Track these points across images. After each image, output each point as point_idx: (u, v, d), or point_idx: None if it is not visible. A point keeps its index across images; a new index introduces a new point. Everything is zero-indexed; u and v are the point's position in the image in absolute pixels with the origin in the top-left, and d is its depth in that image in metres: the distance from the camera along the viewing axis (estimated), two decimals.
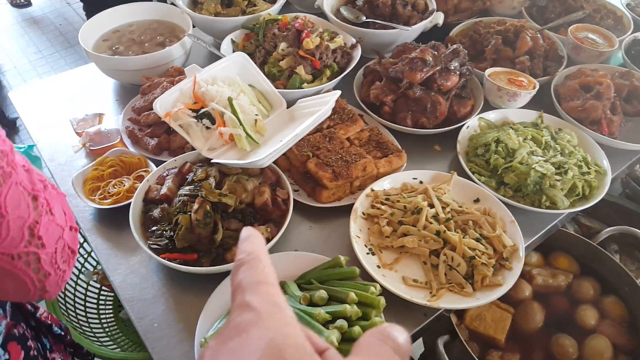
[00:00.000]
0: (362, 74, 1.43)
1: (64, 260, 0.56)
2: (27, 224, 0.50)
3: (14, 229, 0.48)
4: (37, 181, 0.53)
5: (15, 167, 0.49)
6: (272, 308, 0.32)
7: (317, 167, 1.12)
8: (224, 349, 0.30)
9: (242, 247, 0.40)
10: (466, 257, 1.00)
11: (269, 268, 0.37)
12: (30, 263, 0.51)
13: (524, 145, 1.18)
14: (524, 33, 1.46)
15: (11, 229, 0.48)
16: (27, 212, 0.50)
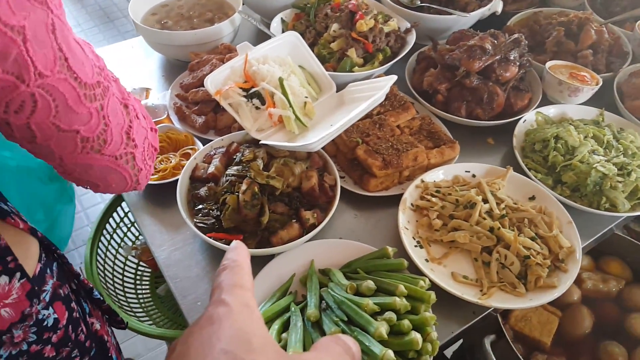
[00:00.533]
0: (415, 60, 1.38)
1: (150, 157, 0.66)
2: (124, 129, 0.58)
3: (115, 135, 0.57)
4: (124, 90, 0.60)
5: (110, 81, 0.55)
6: (243, 307, 0.37)
7: (366, 154, 1.09)
8: (198, 334, 0.34)
9: (228, 255, 0.44)
10: (520, 256, 0.96)
11: (248, 276, 0.42)
12: (129, 161, 0.61)
13: (584, 144, 1.12)
14: (588, 26, 1.38)
15: (114, 134, 0.56)
16: (122, 119, 0.58)
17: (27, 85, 0.44)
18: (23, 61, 0.43)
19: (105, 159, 0.57)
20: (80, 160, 0.56)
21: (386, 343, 0.78)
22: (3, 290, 0.57)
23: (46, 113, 0.48)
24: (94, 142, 0.55)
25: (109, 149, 0.57)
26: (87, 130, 0.53)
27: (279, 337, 0.82)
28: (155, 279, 1.50)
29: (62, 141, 0.52)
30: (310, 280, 0.92)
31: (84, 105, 0.51)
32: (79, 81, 0.49)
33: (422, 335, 0.81)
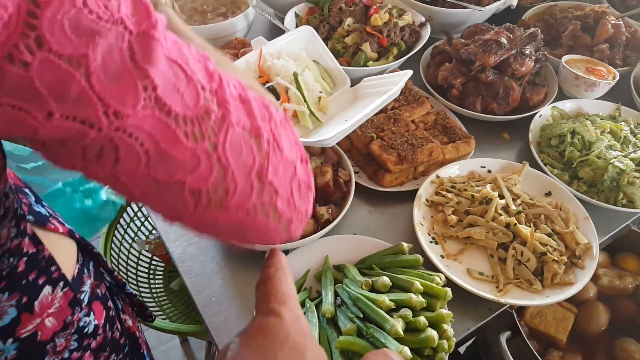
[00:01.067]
0: (429, 54, 1.37)
1: (303, 199, 0.46)
2: (255, 170, 0.40)
3: (241, 180, 0.40)
4: (258, 112, 0.41)
5: (227, 105, 0.38)
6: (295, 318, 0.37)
7: (381, 150, 1.09)
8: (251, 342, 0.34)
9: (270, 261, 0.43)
10: (537, 252, 0.95)
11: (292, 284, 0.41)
12: (268, 213, 0.43)
13: (601, 139, 1.11)
14: (605, 19, 1.36)
15: (238, 180, 0.39)
16: (251, 156, 0.40)
17: (99, 130, 0.32)
18: (88, 100, 0.31)
19: (232, 214, 0.41)
20: (200, 219, 0.41)
21: (402, 340, 0.78)
22: (47, 300, 0.57)
23: (135, 162, 0.35)
24: (211, 195, 0.39)
25: (235, 200, 0.40)
26: (196, 180, 0.38)
27: None
28: (169, 273, 1.51)
29: (166, 197, 0.38)
30: (324, 276, 0.92)
31: (185, 147, 0.36)
32: (173, 115, 0.35)
33: (438, 332, 0.80)
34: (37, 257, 0.57)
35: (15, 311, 0.54)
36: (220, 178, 0.38)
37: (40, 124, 0.30)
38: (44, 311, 0.57)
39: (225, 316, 0.93)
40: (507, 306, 0.95)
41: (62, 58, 0.29)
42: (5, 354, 0.55)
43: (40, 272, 0.57)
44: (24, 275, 0.55)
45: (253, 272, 0.97)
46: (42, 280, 0.57)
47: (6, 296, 0.53)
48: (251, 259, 0.99)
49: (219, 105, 0.37)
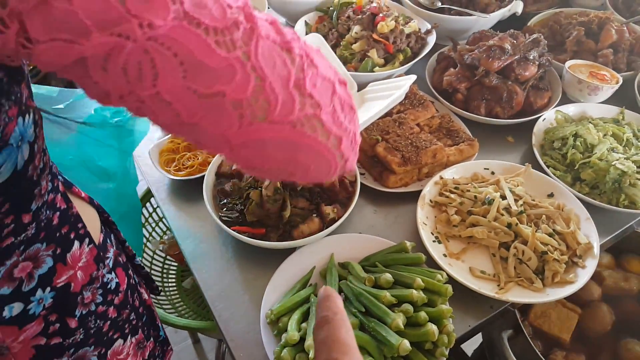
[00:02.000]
0: (435, 60, 1.40)
1: (349, 119, 0.45)
2: (292, 81, 0.40)
3: (280, 92, 0.39)
4: (287, 31, 0.41)
5: (255, 19, 0.39)
6: None
7: (386, 151, 1.12)
8: None
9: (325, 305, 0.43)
10: (537, 251, 0.97)
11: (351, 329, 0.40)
12: (316, 128, 0.42)
13: (603, 141, 1.13)
14: (608, 25, 1.39)
15: (277, 91, 0.39)
16: (285, 69, 0.40)
17: (135, 41, 0.34)
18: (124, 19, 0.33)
19: (278, 128, 0.40)
20: (247, 137, 0.40)
21: (403, 334, 0.81)
22: (76, 254, 0.63)
23: (173, 73, 0.36)
24: (253, 107, 0.39)
25: (278, 112, 0.40)
26: (235, 90, 0.38)
27: (298, 326, 0.86)
28: (182, 273, 1.55)
29: (211, 113, 0.38)
30: (329, 273, 0.95)
31: (218, 56, 0.36)
32: (203, 27, 0.36)
33: (438, 327, 0.83)
34: (68, 213, 0.62)
35: (51, 261, 0.59)
36: (259, 88, 0.38)
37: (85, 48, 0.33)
38: (75, 264, 0.62)
39: (233, 310, 0.96)
40: (508, 304, 0.97)
41: None
42: (44, 301, 0.59)
43: (71, 228, 0.62)
44: (58, 229, 0.60)
45: (260, 268, 1.01)
46: (73, 235, 0.62)
47: (44, 246, 0.58)
48: (258, 256, 1.03)
49: (247, 19, 0.38)
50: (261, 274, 1.00)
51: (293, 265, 0.98)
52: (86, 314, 0.65)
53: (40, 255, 0.57)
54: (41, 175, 0.55)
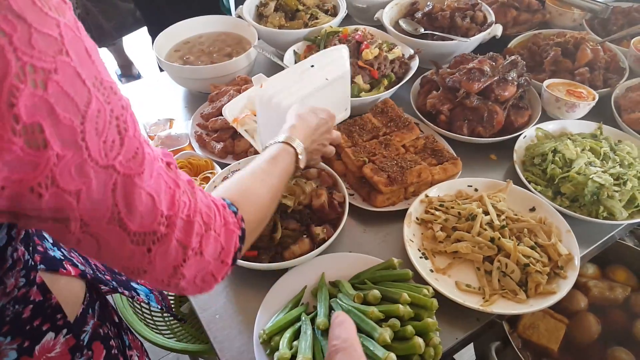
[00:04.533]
0: (419, 84, 1.46)
1: (204, 282, 0.63)
2: (173, 265, 0.58)
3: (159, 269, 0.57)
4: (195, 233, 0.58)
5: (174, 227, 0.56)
6: None
7: (372, 172, 1.17)
8: None
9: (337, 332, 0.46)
10: (520, 264, 1.01)
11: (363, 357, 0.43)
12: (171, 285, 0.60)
13: (581, 156, 1.17)
14: (584, 45, 1.45)
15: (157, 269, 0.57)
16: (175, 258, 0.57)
17: (72, 233, 0.49)
18: (73, 217, 0.47)
19: (145, 280, 0.59)
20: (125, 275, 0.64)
21: (391, 348, 0.84)
22: (48, 345, 0.63)
23: (90, 249, 0.52)
24: (134, 271, 0.57)
25: (149, 277, 0.58)
26: (128, 264, 0.56)
27: (290, 345, 0.89)
28: (180, 298, 1.58)
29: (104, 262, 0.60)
30: (320, 292, 0.99)
31: (127, 248, 0.53)
32: (128, 231, 0.52)
33: (425, 340, 0.86)
34: (44, 305, 0.62)
35: (15, 354, 0.59)
36: (145, 265, 0.56)
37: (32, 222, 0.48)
38: (43, 355, 0.62)
39: (228, 332, 0.99)
40: (494, 316, 1.00)
41: (64, 192, 0.45)
42: None
43: (46, 319, 0.63)
44: (29, 322, 0.60)
45: (254, 289, 1.04)
46: (47, 327, 0.63)
47: (8, 340, 0.59)
48: (251, 277, 1.07)
49: (167, 226, 0.55)
50: (254, 294, 1.03)
51: (285, 286, 1.01)
52: None
53: (2, 349, 0.58)
54: (6, 274, 0.57)
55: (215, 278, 0.64)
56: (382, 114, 1.35)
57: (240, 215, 0.68)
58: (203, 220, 0.60)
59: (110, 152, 0.47)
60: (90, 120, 0.44)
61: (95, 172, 0.46)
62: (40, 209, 0.45)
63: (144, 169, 0.51)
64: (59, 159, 0.43)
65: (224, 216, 0.64)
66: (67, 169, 0.44)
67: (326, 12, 1.72)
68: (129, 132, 0.49)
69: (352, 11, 1.83)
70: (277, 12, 1.68)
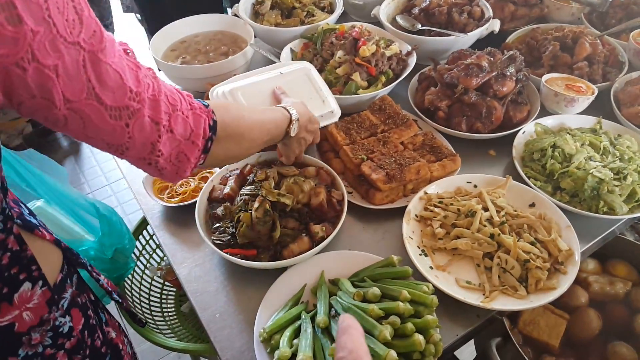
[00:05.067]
0: (417, 80, 1.45)
1: (179, 160, 0.74)
2: (150, 140, 0.68)
3: (139, 144, 0.68)
4: (163, 110, 0.69)
5: (144, 102, 0.66)
6: None
7: (371, 170, 1.16)
8: None
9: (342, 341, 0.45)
10: (520, 260, 1.00)
11: None
12: (152, 163, 0.71)
13: (581, 151, 1.17)
14: (582, 39, 1.44)
15: (137, 144, 0.68)
16: (150, 133, 0.68)
17: (59, 109, 0.57)
18: (56, 92, 0.55)
19: (129, 158, 0.70)
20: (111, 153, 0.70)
21: (391, 345, 0.84)
22: (26, 295, 0.65)
23: (77, 127, 0.61)
24: (118, 148, 0.67)
25: (132, 153, 0.69)
26: (112, 140, 0.65)
27: (290, 343, 0.89)
28: (180, 297, 1.58)
29: (92, 143, 0.67)
30: (320, 290, 0.99)
31: (108, 123, 0.62)
32: (105, 105, 0.61)
33: (426, 337, 0.86)
34: (20, 255, 0.64)
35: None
36: (126, 140, 0.66)
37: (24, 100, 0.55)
38: (22, 304, 0.65)
39: (228, 331, 0.99)
40: (494, 312, 0.99)
41: (44, 66, 0.53)
42: None
43: (22, 269, 0.64)
44: (7, 269, 0.62)
45: (253, 288, 1.04)
46: (23, 276, 0.65)
47: None
48: (251, 276, 1.06)
49: (138, 102, 0.65)
50: (254, 293, 1.03)
51: (284, 284, 1.01)
52: (32, 354, 0.67)
53: None
54: None
55: (188, 158, 0.74)
56: (380, 111, 1.34)
57: (211, 109, 0.79)
58: (169, 101, 0.70)
59: (73, 29, 0.55)
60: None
61: (66, 47, 0.54)
62: (27, 85, 0.53)
63: (105, 45, 0.59)
64: (34, 34, 0.51)
65: (190, 102, 0.75)
66: (42, 45, 0.52)
67: (323, 9, 1.71)
68: (84, 13, 0.56)
69: (348, 8, 1.82)
70: (273, 10, 1.68)
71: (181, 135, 0.72)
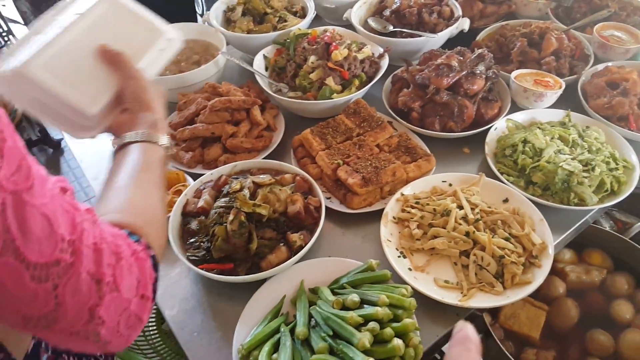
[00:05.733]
0: (390, 82, 1.47)
1: (130, 327, 0.57)
2: (88, 306, 0.51)
3: (72, 313, 0.50)
4: (106, 260, 0.53)
5: (80, 255, 0.50)
6: None
7: (347, 175, 1.17)
8: None
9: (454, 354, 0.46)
10: (496, 256, 1.02)
11: None
12: (89, 337, 0.53)
13: (550, 144, 1.19)
14: (549, 34, 1.47)
15: (69, 313, 0.50)
16: (88, 295, 0.51)
17: None
18: None
19: (57, 334, 0.52)
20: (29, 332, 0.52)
21: (371, 352, 0.84)
22: None
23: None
24: (40, 321, 0.49)
25: (60, 325, 0.50)
26: (31, 310, 0.48)
27: (269, 358, 0.88)
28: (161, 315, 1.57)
29: (3, 316, 0.49)
30: (299, 300, 0.99)
31: (28, 287, 0.46)
32: (26, 262, 0.45)
33: (405, 341, 0.87)
34: None
35: None
36: (52, 310, 0.49)
37: None
38: None
39: (206, 349, 0.98)
40: (474, 310, 1.01)
41: None
42: None
43: None
44: None
45: (231, 303, 1.04)
46: None
47: None
48: (229, 291, 1.06)
49: (72, 253, 0.49)
50: (233, 308, 1.02)
51: (263, 297, 1.01)
52: None
53: None
54: None
55: (140, 318, 0.58)
56: (355, 115, 1.35)
57: (145, 242, 0.62)
58: (112, 250, 0.54)
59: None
60: None
61: None
62: None
63: (32, 183, 0.46)
64: None
65: (129, 245, 0.58)
66: None
67: (295, 14, 1.71)
68: (7, 142, 0.44)
69: (321, 12, 1.83)
70: (245, 16, 1.68)
71: (128, 291, 0.55)
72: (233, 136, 1.30)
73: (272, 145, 1.33)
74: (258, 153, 1.31)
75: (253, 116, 1.32)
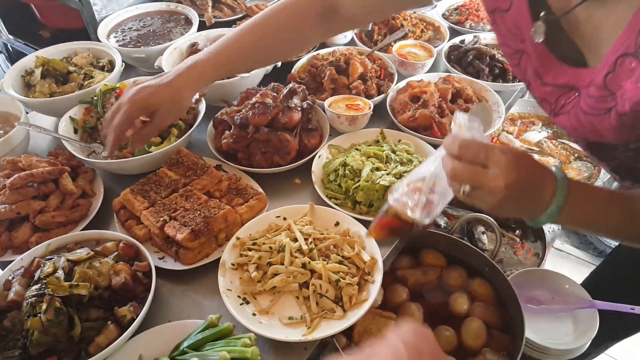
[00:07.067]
0: (212, 126, 1.45)
1: None
2: None
3: None
4: None
5: None
6: None
7: (175, 230, 1.12)
8: None
9: None
10: (332, 281, 1.04)
11: None
12: None
13: (367, 164, 1.27)
14: (353, 60, 1.58)
15: None
16: None
17: None
18: None
19: None
20: None
21: None
22: None
23: None
24: None
25: None
26: None
27: None
28: None
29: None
30: None
31: None
32: None
33: None
34: None
35: None
36: None
37: None
38: None
39: None
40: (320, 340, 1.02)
41: None
42: None
43: None
44: None
45: None
46: None
47: None
48: None
49: None
50: None
51: None
52: None
53: None
54: None
55: None
56: (178, 165, 1.31)
57: None
58: None
59: None
60: None
61: None
62: None
63: None
64: None
65: None
66: None
67: (102, 68, 1.62)
68: None
69: (133, 62, 1.76)
70: (46, 78, 1.54)
71: None
72: (42, 212, 1.17)
73: (91, 213, 1.22)
74: (76, 225, 1.20)
75: (63, 186, 1.21)
